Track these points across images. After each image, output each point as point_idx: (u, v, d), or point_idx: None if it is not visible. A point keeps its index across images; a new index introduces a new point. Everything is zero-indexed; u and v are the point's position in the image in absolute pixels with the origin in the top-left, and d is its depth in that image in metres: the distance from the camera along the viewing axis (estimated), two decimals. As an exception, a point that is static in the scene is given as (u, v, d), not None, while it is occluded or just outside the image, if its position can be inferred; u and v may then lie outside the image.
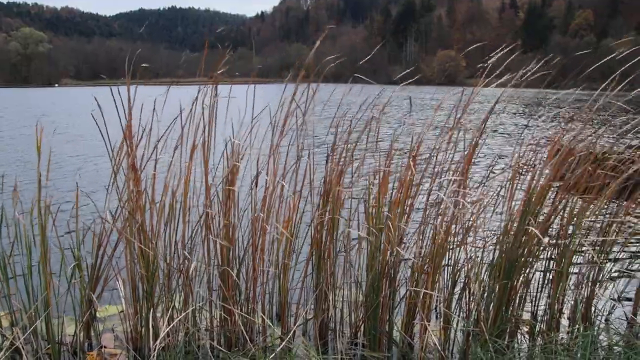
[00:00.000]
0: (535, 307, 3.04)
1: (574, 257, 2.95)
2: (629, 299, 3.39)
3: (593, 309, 3.13)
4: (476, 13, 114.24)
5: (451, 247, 2.87)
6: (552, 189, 2.79)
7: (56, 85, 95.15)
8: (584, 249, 3.07)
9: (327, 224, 2.78)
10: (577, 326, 2.86)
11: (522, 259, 2.68)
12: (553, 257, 2.98)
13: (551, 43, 68.59)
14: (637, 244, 4.63)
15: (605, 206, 3.11)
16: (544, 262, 3.01)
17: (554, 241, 2.97)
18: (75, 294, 2.74)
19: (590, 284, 3.08)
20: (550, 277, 2.99)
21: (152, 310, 2.57)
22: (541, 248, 2.86)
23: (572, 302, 3.12)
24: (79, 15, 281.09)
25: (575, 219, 2.89)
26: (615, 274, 3.56)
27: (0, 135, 15.20)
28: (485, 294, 2.74)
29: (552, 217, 2.80)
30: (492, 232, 2.99)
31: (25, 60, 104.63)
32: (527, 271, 2.81)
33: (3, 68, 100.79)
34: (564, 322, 3.13)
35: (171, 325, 2.53)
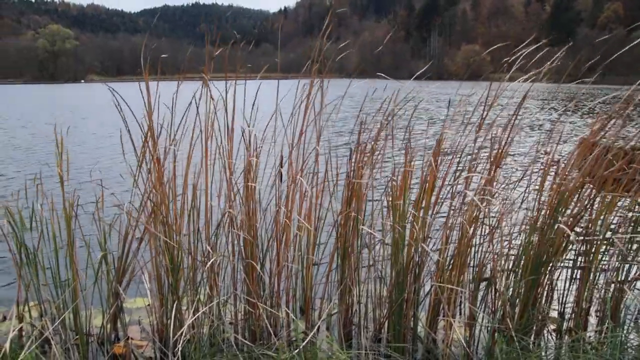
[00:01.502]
0: (563, 305, 2.99)
1: (603, 254, 2.89)
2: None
3: (622, 307, 3.06)
4: (501, 6, 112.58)
5: (477, 243, 2.83)
6: (582, 186, 2.73)
7: (82, 81, 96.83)
8: (612, 245, 2.99)
9: (351, 220, 2.76)
10: (606, 325, 2.79)
11: (549, 255, 2.63)
12: (581, 253, 2.92)
13: (579, 36, 67.14)
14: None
15: (634, 202, 3.03)
16: (571, 258, 2.95)
17: (582, 237, 2.91)
18: (102, 287, 2.78)
19: (619, 282, 3.00)
20: (578, 274, 2.94)
21: (177, 302, 2.59)
22: (568, 244, 2.80)
23: (601, 301, 3.05)
24: (104, 12, 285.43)
25: (604, 214, 2.82)
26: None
27: (32, 132, 15.51)
28: (511, 290, 2.70)
29: (581, 212, 2.74)
30: (519, 227, 2.93)
31: (52, 57, 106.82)
32: (554, 268, 2.76)
33: (31, 65, 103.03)
34: (592, 320, 3.07)
35: (196, 317, 2.54)
